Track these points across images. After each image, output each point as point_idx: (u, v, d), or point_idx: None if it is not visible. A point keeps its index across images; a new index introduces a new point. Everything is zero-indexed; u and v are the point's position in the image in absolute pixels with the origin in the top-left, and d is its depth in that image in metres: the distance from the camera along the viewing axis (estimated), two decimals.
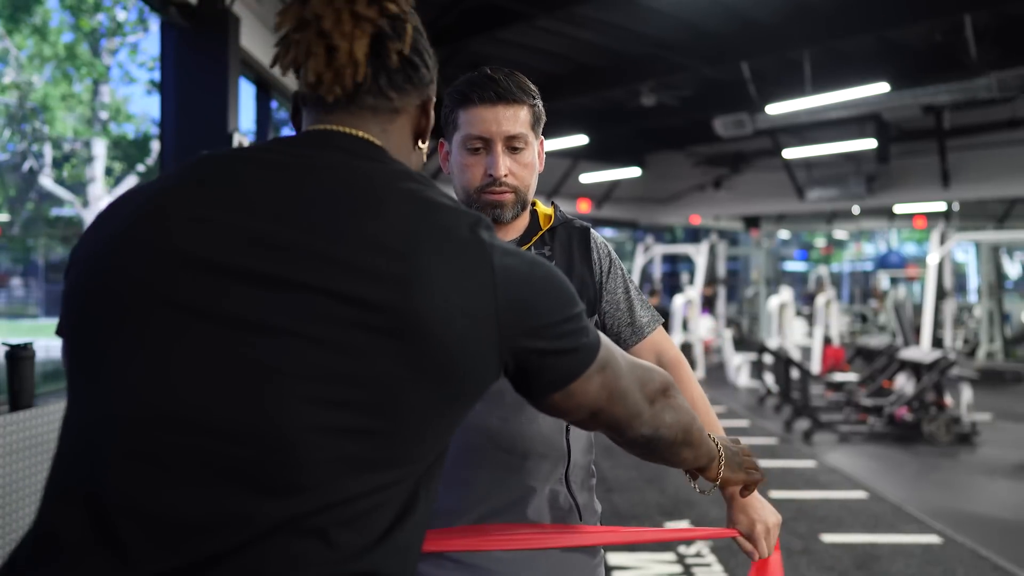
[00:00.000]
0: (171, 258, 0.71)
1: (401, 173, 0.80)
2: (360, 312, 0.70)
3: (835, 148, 11.13)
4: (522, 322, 0.78)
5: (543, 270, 0.82)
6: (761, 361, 8.85)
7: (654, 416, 0.95)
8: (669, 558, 3.87)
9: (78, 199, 12.75)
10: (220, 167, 0.78)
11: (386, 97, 0.84)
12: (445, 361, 0.72)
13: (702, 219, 16.57)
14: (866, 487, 5.20)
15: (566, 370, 0.83)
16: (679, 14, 7.56)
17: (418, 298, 0.71)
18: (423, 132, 0.91)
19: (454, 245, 0.75)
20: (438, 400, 0.74)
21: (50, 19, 12.10)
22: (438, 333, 0.71)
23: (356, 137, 0.82)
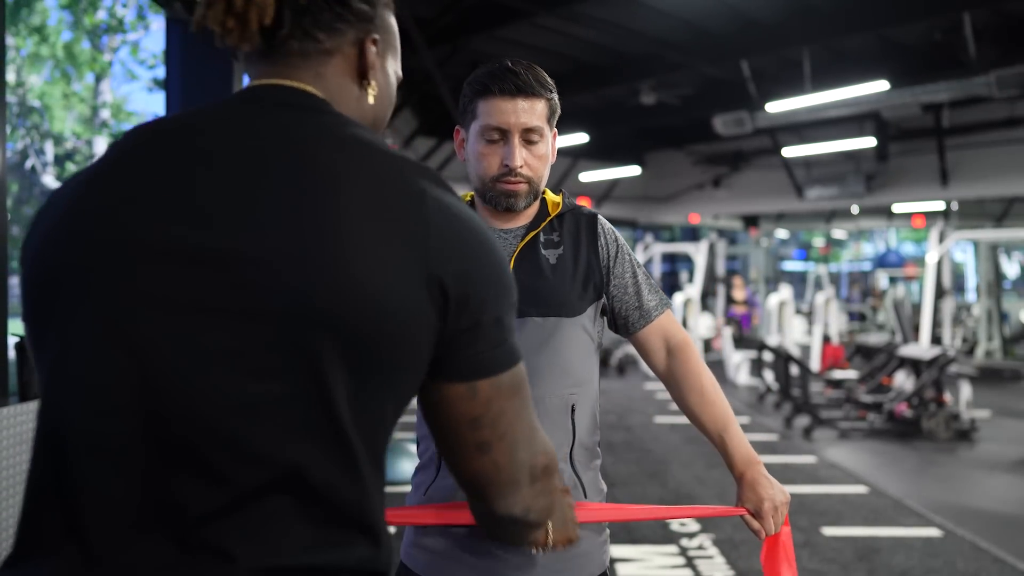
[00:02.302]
0: (103, 245, 0.70)
1: (333, 122, 0.76)
2: (278, 280, 0.67)
3: (834, 147, 11.16)
4: (453, 265, 0.72)
5: (490, 249, 0.76)
6: (761, 359, 8.88)
7: (529, 496, 0.82)
8: (671, 550, 3.90)
9: None
10: (145, 145, 0.75)
11: (314, 39, 0.79)
12: (374, 316, 0.69)
13: (701, 218, 16.60)
14: (866, 482, 5.23)
15: (485, 359, 0.75)
16: (679, 13, 7.59)
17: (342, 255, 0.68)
18: (365, 71, 0.83)
19: (386, 188, 0.72)
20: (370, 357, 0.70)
21: (48, 18, 12.12)
22: (366, 288, 0.68)
23: (284, 88, 0.78)
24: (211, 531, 0.67)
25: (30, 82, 12.09)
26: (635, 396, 9.10)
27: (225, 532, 0.67)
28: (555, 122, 1.43)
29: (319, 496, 0.69)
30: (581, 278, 1.41)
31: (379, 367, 0.71)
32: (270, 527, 0.68)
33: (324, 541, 0.70)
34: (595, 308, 1.43)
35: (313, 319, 0.67)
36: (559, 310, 1.37)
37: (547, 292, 1.37)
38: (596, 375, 1.44)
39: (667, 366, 1.49)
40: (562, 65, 9.65)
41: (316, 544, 0.69)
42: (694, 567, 3.69)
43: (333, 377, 0.68)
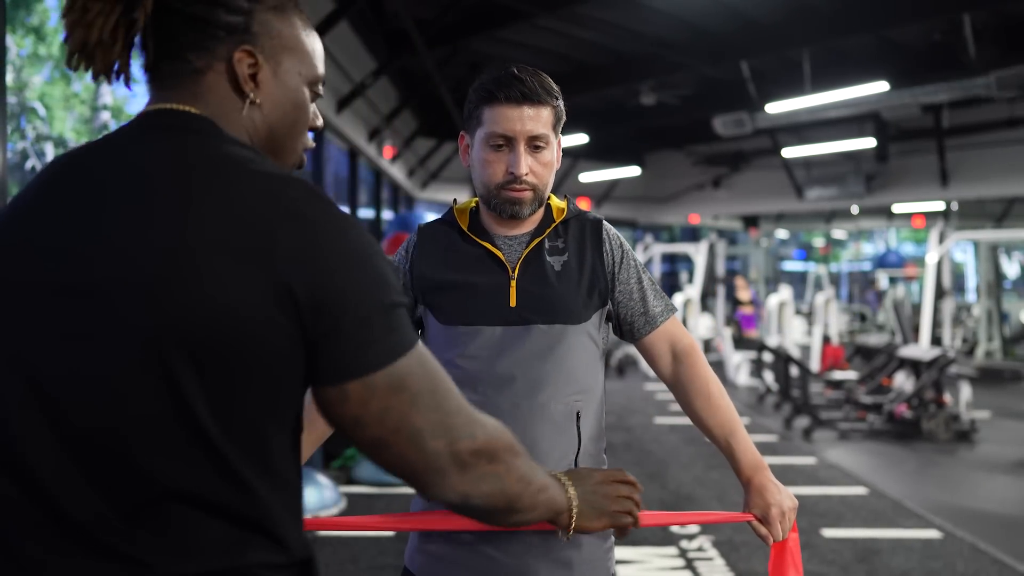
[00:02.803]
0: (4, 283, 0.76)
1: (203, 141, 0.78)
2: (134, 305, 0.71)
3: (834, 147, 11.17)
4: (302, 266, 0.72)
5: (348, 250, 0.74)
6: (761, 359, 8.88)
7: (463, 482, 0.80)
8: (671, 552, 3.90)
9: None
10: (47, 180, 0.80)
11: (183, 59, 0.80)
12: (220, 323, 0.70)
13: (701, 218, 16.62)
14: (866, 483, 5.23)
15: (350, 362, 0.73)
16: (679, 13, 7.60)
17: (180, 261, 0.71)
18: (239, 85, 0.82)
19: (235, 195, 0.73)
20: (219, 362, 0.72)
21: (48, 19, 12.15)
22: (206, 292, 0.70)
23: (162, 111, 0.80)
24: (121, 540, 0.72)
25: (30, 83, 12.10)
26: (635, 397, 9.11)
27: (134, 541, 0.72)
28: (560, 129, 1.42)
29: (210, 506, 0.73)
30: (586, 285, 1.40)
31: (241, 380, 0.72)
32: (174, 535, 0.72)
33: (225, 546, 0.73)
34: (600, 315, 1.43)
35: (168, 341, 0.70)
36: (564, 317, 1.37)
37: (552, 299, 1.37)
38: (601, 382, 1.44)
39: (673, 371, 1.49)
40: (562, 66, 9.65)
41: (219, 549, 0.73)
42: (694, 569, 3.70)
43: (192, 394, 0.71)
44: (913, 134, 11.85)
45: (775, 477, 1.40)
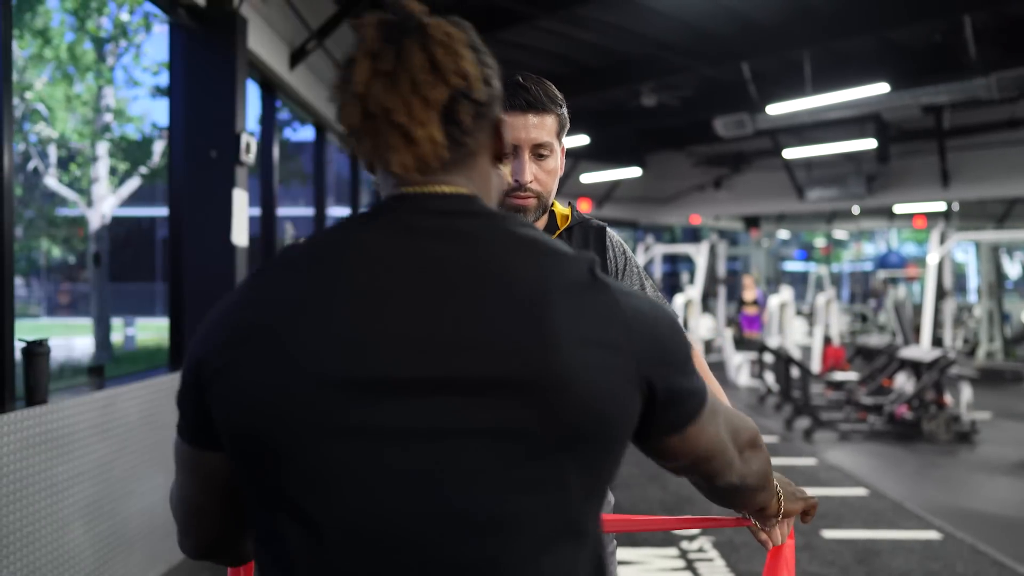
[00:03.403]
0: (315, 380, 0.70)
1: (506, 226, 0.78)
2: (505, 389, 0.70)
3: (835, 148, 11.17)
4: (657, 358, 0.77)
5: (662, 309, 0.82)
6: (762, 360, 8.90)
7: (744, 465, 0.94)
8: (672, 553, 3.92)
9: (82, 199, 12.80)
10: (329, 266, 0.75)
11: (462, 145, 0.80)
12: (596, 412, 0.73)
13: (702, 219, 16.62)
14: (866, 484, 5.25)
15: (688, 411, 0.82)
16: (679, 15, 7.61)
17: (558, 359, 0.70)
18: (500, 154, 0.86)
19: (582, 297, 0.74)
20: (596, 451, 0.75)
21: (51, 20, 12.15)
22: (584, 386, 0.71)
23: (449, 196, 0.79)
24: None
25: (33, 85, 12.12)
26: None
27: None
28: (564, 136, 1.44)
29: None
30: None
31: (604, 465, 0.77)
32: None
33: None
34: None
35: (552, 436, 0.71)
36: None
37: None
38: None
39: None
40: (563, 67, 9.66)
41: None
42: (694, 570, 3.71)
43: (575, 485, 0.73)
44: (914, 135, 11.84)
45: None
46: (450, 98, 0.76)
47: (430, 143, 0.75)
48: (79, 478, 2.90)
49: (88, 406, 2.98)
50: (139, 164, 12.98)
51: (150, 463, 3.45)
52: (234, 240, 4.25)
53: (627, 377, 0.75)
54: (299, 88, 6.08)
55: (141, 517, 3.36)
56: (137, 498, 3.34)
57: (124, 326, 14.99)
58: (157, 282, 20.63)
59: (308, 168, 13.25)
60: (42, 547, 2.66)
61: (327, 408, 0.70)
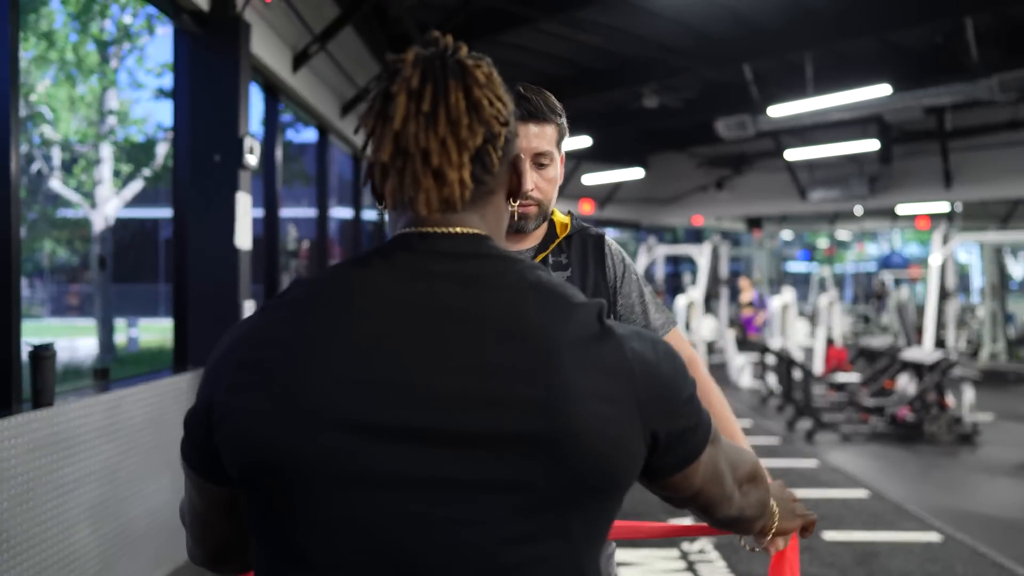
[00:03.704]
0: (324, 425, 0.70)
1: (517, 270, 0.78)
2: (512, 443, 0.70)
3: (837, 149, 11.18)
4: (660, 407, 0.77)
5: (664, 348, 0.81)
6: (763, 362, 8.91)
7: (743, 499, 0.94)
8: (673, 554, 3.94)
9: (86, 201, 12.85)
10: (335, 308, 0.74)
11: (481, 183, 0.79)
12: (602, 465, 0.73)
13: (705, 220, 16.62)
14: (867, 486, 5.26)
15: (691, 449, 0.82)
16: (680, 17, 7.63)
17: (566, 413, 0.71)
18: (515, 191, 0.85)
19: (589, 348, 0.74)
20: (600, 500, 0.76)
21: (54, 21, 12.19)
22: (591, 440, 0.72)
23: (462, 236, 0.78)
24: None
25: (37, 86, 12.17)
26: None
27: None
28: (563, 145, 1.46)
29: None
30: None
31: (607, 512, 0.78)
32: None
33: None
34: None
35: (557, 489, 0.71)
36: None
37: None
38: None
39: None
40: (565, 69, 9.68)
41: None
42: (695, 571, 3.73)
43: (578, 533, 0.74)
44: (916, 136, 11.85)
45: (775, 480, 1.42)
46: (484, 140, 0.76)
47: (459, 186, 0.75)
48: (85, 479, 2.93)
49: (94, 408, 3.01)
50: (142, 166, 13.02)
51: (156, 465, 3.48)
52: (237, 243, 4.28)
53: (632, 428, 0.75)
54: (302, 91, 6.12)
55: (147, 518, 3.39)
56: (143, 499, 3.37)
57: (127, 327, 15.03)
58: (160, 283, 20.67)
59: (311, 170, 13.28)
60: (49, 547, 2.69)
61: (329, 454, 0.70)
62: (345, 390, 0.70)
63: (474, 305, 0.74)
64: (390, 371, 0.71)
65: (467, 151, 0.75)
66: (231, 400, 0.74)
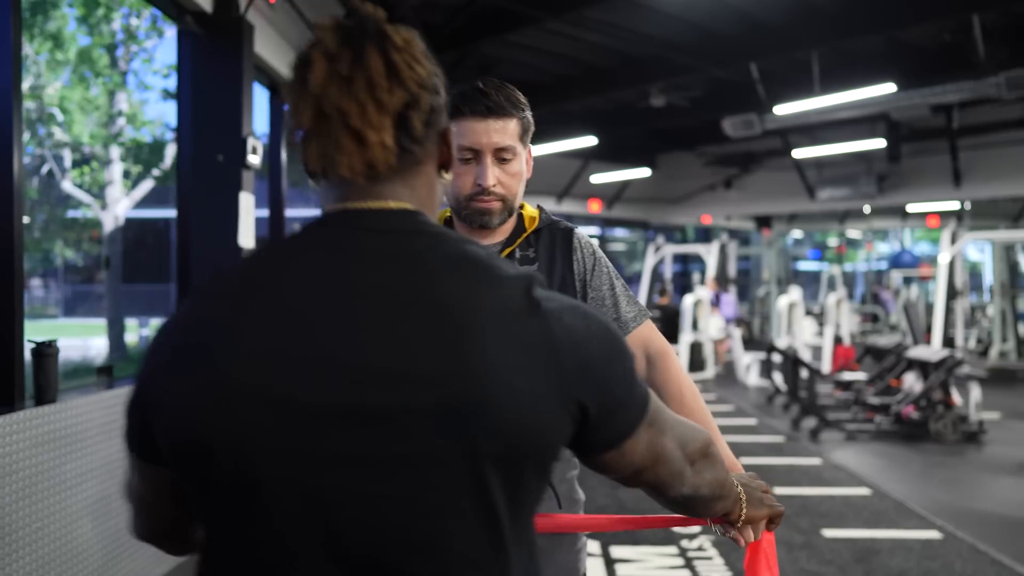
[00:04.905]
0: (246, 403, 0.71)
1: (445, 245, 0.78)
2: (426, 418, 0.70)
3: (845, 148, 11.15)
4: (588, 381, 0.76)
5: (600, 325, 0.80)
6: (770, 360, 8.90)
7: (695, 475, 0.92)
8: (671, 551, 3.96)
9: (97, 202, 12.96)
10: (262, 289, 0.75)
11: (409, 152, 0.79)
12: (519, 439, 0.73)
13: (713, 219, 16.60)
14: (870, 484, 5.26)
15: (623, 426, 0.81)
16: (687, 16, 7.63)
17: (480, 387, 0.71)
18: (447, 163, 0.85)
19: (513, 322, 0.74)
20: (520, 475, 0.74)
21: (67, 25, 12.30)
22: (507, 414, 0.71)
23: (391, 212, 0.79)
24: None
25: (49, 88, 12.28)
26: None
27: None
28: (528, 139, 1.46)
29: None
30: None
31: (532, 486, 0.77)
32: None
33: None
34: None
35: (475, 460, 0.71)
36: None
37: None
38: None
39: (647, 375, 1.51)
40: (571, 68, 9.70)
41: None
42: (692, 568, 3.75)
43: (501, 507, 0.74)
44: (925, 134, 11.81)
45: (779, 478, 1.43)
46: (404, 104, 0.76)
47: (381, 148, 0.75)
48: (88, 475, 2.98)
49: (97, 405, 3.06)
50: (152, 167, 13.12)
51: None
52: (241, 242, 4.33)
53: (554, 402, 0.74)
54: None
55: None
56: None
57: (138, 327, 15.16)
58: (171, 283, 20.79)
59: None
60: (51, 543, 2.73)
61: (252, 431, 0.71)
62: (266, 369, 0.71)
63: (396, 281, 0.74)
64: (309, 349, 0.72)
65: (387, 114, 0.75)
66: (163, 383, 0.76)
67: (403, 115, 0.76)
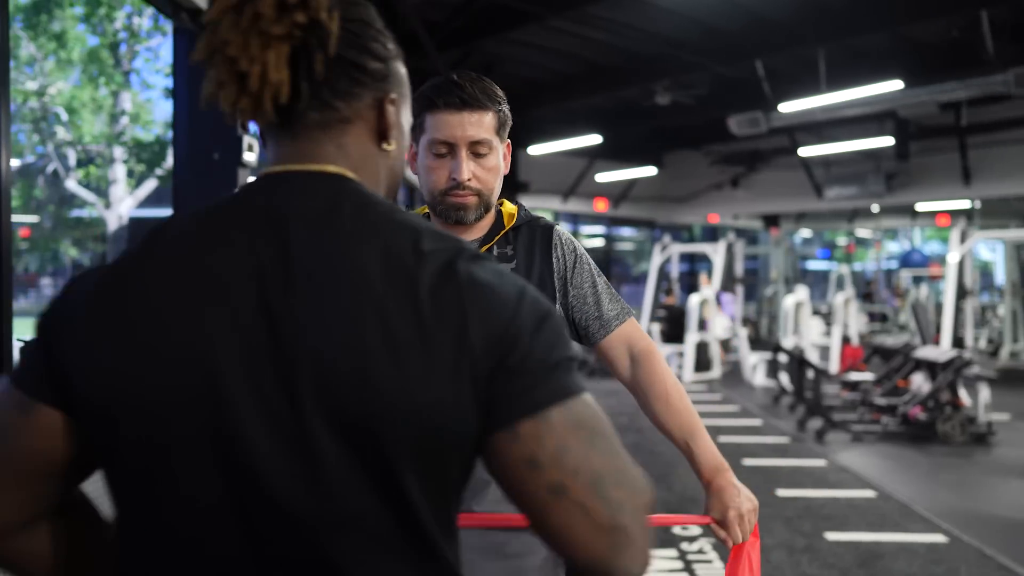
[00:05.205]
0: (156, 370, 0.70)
1: (366, 213, 0.75)
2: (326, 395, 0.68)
3: (852, 146, 11.05)
4: (502, 361, 0.70)
5: (532, 306, 0.74)
6: (776, 360, 8.82)
7: (646, 545, 0.71)
8: (671, 554, 3.90)
9: (101, 200, 12.99)
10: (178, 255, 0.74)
11: (332, 108, 0.77)
12: (422, 421, 0.69)
13: (721, 218, 16.51)
14: (875, 486, 5.18)
15: (523, 401, 0.70)
16: (691, 13, 7.57)
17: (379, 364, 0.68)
18: (385, 131, 0.81)
19: (426, 291, 0.70)
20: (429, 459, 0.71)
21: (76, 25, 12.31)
22: (406, 394, 0.68)
23: (317, 175, 0.77)
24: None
25: (56, 88, 12.31)
26: None
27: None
28: (506, 134, 1.43)
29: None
30: None
31: (445, 467, 0.72)
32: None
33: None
34: None
35: (382, 435, 0.68)
36: None
37: None
38: None
39: (632, 374, 1.48)
40: (575, 66, 9.65)
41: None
42: (692, 571, 3.69)
43: (410, 492, 0.70)
44: (933, 132, 11.69)
45: (782, 479, 1.39)
46: (302, 44, 0.73)
47: (260, 81, 0.72)
48: None
49: None
50: (155, 166, 13.14)
51: None
52: None
53: (463, 381, 0.70)
54: None
55: None
56: None
57: None
58: None
59: None
60: None
61: (160, 405, 0.70)
62: (174, 339, 0.70)
63: (306, 251, 0.71)
64: (216, 321, 0.70)
65: (269, 48, 0.72)
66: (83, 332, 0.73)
67: (304, 57, 0.74)
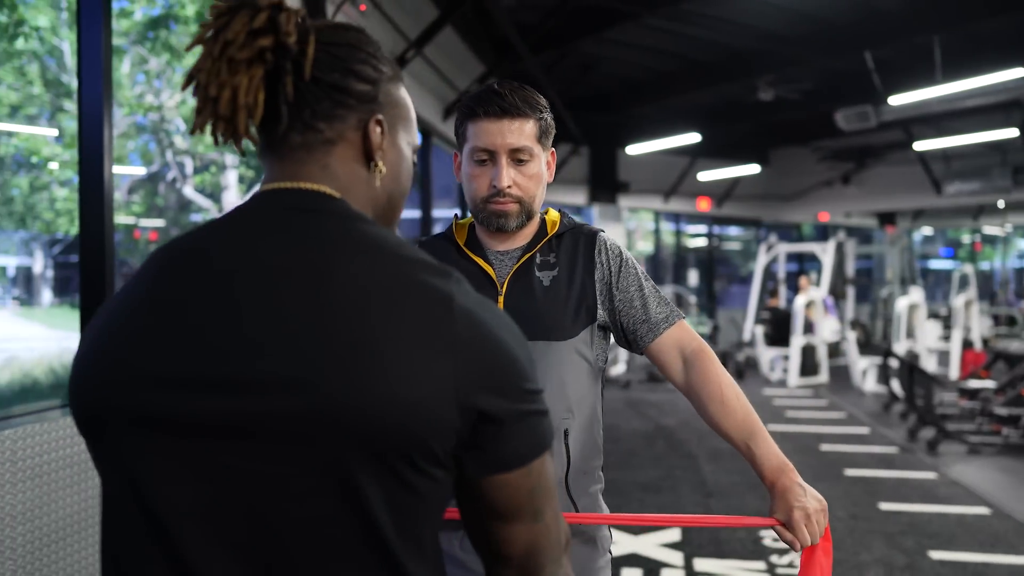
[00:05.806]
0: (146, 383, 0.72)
1: (350, 229, 0.76)
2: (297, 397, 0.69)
3: (974, 138, 10.38)
4: (487, 383, 0.72)
5: (516, 351, 0.76)
6: (887, 365, 8.38)
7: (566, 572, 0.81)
8: (759, 566, 3.77)
9: (215, 205, 13.70)
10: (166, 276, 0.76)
11: (314, 129, 0.79)
12: (392, 432, 0.69)
13: (831, 216, 15.84)
14: (990, 503, 4.84)
15: (519, 449, 0.75)
16: (793, 5, 7.31)
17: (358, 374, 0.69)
18: (371, 154, 0.82)
19: (413, 311, 0.71)
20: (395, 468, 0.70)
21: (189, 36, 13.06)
22: (382, 404, 0.69)
23: (292, 191, 0.78)
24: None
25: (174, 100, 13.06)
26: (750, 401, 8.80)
27: None
28: (549, 142, 1.43)
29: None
30: (575, 300, 1.40)
31: (411, 479, 0.71)
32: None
33: None
34: (590, 331, 1.41)
35: (345, 441, 0.69)
36: (548, 333, 1.36)
37: (535, 315, 1.37)
38: (595, 399, 1.42)
39: (685, 378, 1.44)
40: (673, 64, 9.48)
41: None
42: None
43: (372, 500, 0.70)
44: None
45: (888, 492, 1.32)
46: (275, 68, 0.75)
47: (230, 105, 0.74)
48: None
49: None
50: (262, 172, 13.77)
51: None
52: None
53: (442, 398, 0.70)
54: None
55: None
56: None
57: None
58: None
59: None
60: None
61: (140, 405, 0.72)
62: (155, 346, 0.72)
63: (293, 261, 0.73)
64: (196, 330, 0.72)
65: (238, 73, 0.74)
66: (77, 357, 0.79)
67: (272, 76, 0.76)
